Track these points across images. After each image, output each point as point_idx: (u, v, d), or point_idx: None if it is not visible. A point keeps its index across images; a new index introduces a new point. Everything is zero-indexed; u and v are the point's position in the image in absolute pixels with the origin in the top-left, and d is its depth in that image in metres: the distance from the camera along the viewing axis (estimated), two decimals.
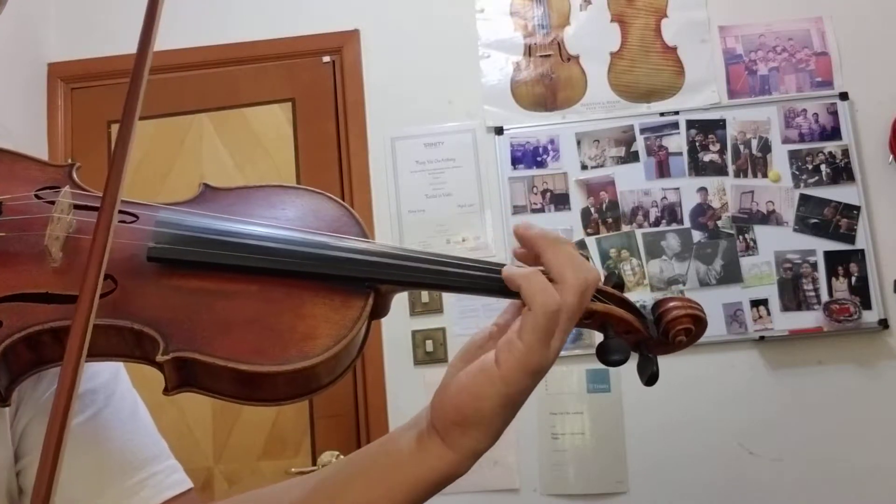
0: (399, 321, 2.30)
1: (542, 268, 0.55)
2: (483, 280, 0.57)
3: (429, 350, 2.29)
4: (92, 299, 0.43)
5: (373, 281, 0.56)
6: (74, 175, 0.62)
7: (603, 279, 0.61)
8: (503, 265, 0.56)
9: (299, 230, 0.59)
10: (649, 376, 0.60)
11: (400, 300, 2.29)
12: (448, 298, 2.31)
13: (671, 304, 0.61)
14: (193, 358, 0.51)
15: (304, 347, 0.52)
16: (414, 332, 2.31)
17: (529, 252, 0.56)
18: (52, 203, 0.56)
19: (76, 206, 0.57)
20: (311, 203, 0.64)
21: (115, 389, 0.67)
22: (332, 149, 2.45)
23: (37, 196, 0.58)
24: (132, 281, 0.54)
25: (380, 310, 0.58)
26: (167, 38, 2.45)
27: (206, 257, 0.55)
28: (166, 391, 0.53)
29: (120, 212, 0.58)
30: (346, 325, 0.54)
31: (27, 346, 0.52)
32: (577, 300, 0.53)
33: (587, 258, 0.57)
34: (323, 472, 0.60)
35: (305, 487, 0.60)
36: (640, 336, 0.62)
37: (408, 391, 2.25)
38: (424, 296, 2.32)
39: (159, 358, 0.51)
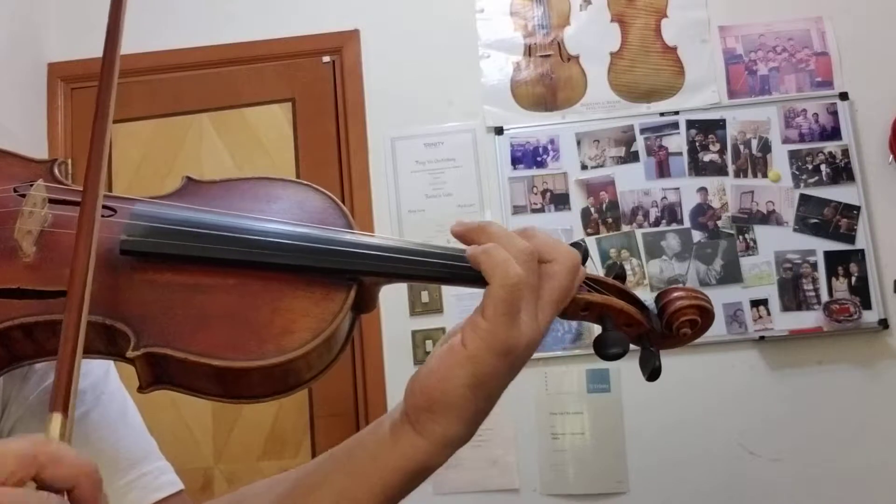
0: (399, 321, 2.30)
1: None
2: (468, 269, 0.55)
3: (429, 350, 2.29)
4: (80, 311, 0.42)
5: (355, 273, 0.55)
6: (56, 171, 0.61)
7: (604, 271, 0.60)
8: None
9: (280, 222, 0.58)
10: (651, 371, 0.57)
11: (400, 300, 2.30)
12: (448, 298, 2.31)
13: (675, 294, 0.59)
14: (165, 353, 0.50)
15: (281, 342, 0.51)
16: (414, 332, 2.31)
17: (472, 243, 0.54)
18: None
19: (52, 201, 0.55)
20: (295, 195, 0.62)
21: (104, 389, 0.66)
22: (332, 149, 2.45)
23: (15, 191, 0.57)
24: (106, 275, 0.53)
25: (365, 303, 0.57)
26: (167, 38, 2.46)
27: (180, 250, 0.54)
28: (140, 389, 0.52)
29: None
30: (325, 318, 0.52)
31: (1, 343, 0.51)
32: (527, 269, 0.51)
33: (582, 247, 0.56)
34: (304, 467, 0.59)
35: (286, 483, 0.59)
36: (642, 329, 0.59)
37: None
38: (424, 296, 2.31)
39: (130, 354, 0.50)
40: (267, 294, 0.53)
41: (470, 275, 0.54)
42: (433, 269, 0.56)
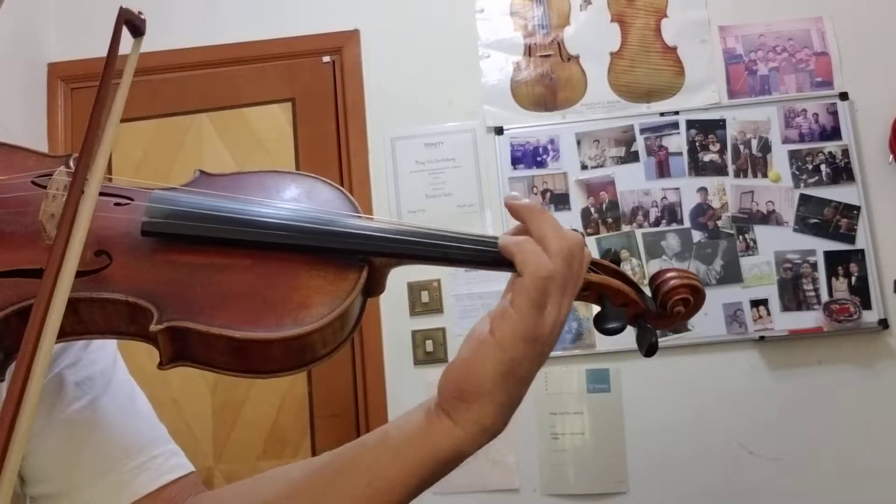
0: (399, 321, 2.30)
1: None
2: (476, 252, 0.57)
3: (429, 350, 2.29)
4: (57, 273, 0.43)
5: (366, 253, 0.57)
6: (72, 164, 0.63)
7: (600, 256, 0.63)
8: (497, 237, 0.57)
9: (294, 207, 0.60)
10: (648, 347, 0.60)
11: (400, 300, 2.30)
12: (448, 298, 2.31)
13: (668, 275, 0.61)
14: (187, 327, 0.51)
15: (298, 315, 0.53)
16: (414, 332, 2.31)
17: (518, 220, 0.58)
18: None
19: None
20: (305, 185, 0.65)
21: (113, 377, 0.68)
22: (332, 149, 2.45)
23: (34, 183, 0.59)
24: (127, 256, 0.55)
25: (375, 285, 0.59)
26: (167, 38, 2.46)
27: (199, 231, 0.56)
28: (161, 365, 0.53)
29: (115, 195, 0.59)
30: (340, 295, 0.54)
31: (21, 320, 0.52)
32: (563, 265, 0.53)
33: (581, 235, 0.58)
34: (336, 450, 0.60)
35: (317, 463, 0.60)
36: (638, 308, 0.62)
37: (408, 391, 2.25)
38: (424, 296, 2.31)
39: (153, 327, 0.51)
40: (283, 273, 0.55)
41: (480, 257, 0.57)
42: (441, 251, 0.58)
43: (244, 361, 0.54)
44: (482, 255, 0.57)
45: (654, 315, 0.62)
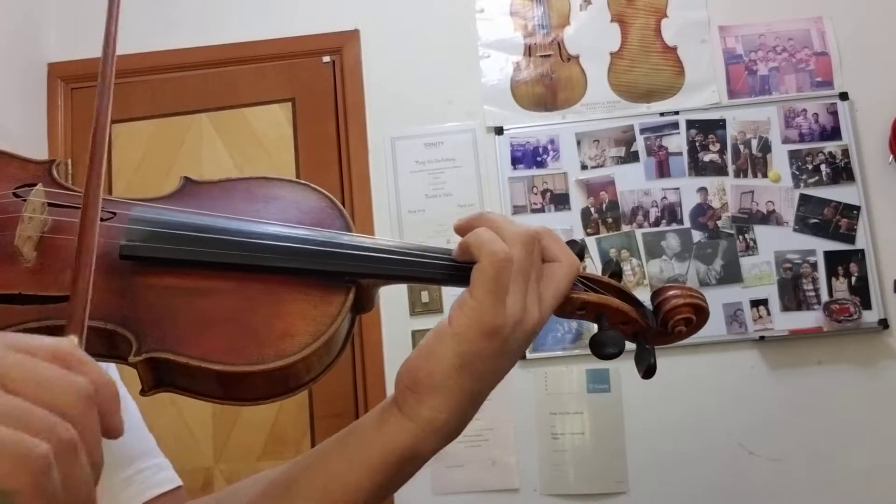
0: (399, 321, 2.30)
1: None
2: (466, 271, 0.55)
3: None
4: (84, 307, 0.42)
5: (352, 275, 0.55)
6: (54, 172, 0.61)
7: (601, 269, 0.61)
8: None
9: (279, 224, 0.58)
10: (647, 368, 0.58)
11: (400, 300, 2.30)
12: (448, 299, 2.31)
13: (671, 292, 0.59)
14: (167, 358, 0.50)
15: (280, 346, 0.51)
16: (414, 332, 2.30)
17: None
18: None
19: (51, 205, 0.55)
20: (293, 195, 0.62)
21: None
22: (332, 149, 2.45)
23: (14, 194, 0.57)
24: (106, 279, 0.53)
25: (364, 304, 0.57)
26: (167, 38, 2.46)
27: (179, 254, 0.54)
28: (143, 392, 0.52)
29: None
30: (324, 321, 0.52)
31: None
32: (520, 250, 0.51)
33: (579, 244, 0.57)
34: (294, 460, 0.59)
35: (279, 470, 0.59)
36: (638, 327, 0.60)
37: None
38: (424, 296, 2.31)
39: (132, 359, 0.50)
40: (266, 297, 0.53)
41: (468, 276, 0.54)
42: (430, 271, 0.56)
43: (226, 390, 0.53)
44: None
45: (655, 333, 0.60)
